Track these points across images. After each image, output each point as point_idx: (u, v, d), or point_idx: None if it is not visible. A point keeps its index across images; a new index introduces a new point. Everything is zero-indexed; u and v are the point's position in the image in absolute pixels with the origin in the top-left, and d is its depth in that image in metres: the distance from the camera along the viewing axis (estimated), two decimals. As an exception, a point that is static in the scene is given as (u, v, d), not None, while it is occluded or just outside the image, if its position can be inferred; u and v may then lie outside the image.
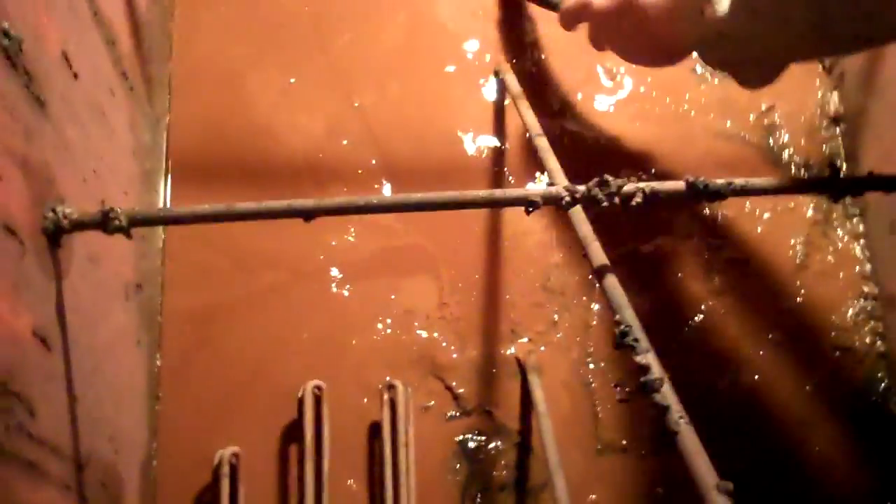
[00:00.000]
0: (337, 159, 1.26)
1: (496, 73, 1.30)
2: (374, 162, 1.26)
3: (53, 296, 0.80)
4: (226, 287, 1.19)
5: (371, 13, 1.33)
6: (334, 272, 1.21)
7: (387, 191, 1.25)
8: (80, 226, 0.80)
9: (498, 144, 1.28)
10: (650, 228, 1.25)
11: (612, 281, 0.82)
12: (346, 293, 1.20)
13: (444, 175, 1.26)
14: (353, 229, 1.22)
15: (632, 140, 1.29)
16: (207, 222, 0.82)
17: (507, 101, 1.29)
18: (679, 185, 0.84)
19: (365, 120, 1.28)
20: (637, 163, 1.28)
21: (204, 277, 1.19)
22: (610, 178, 0.83)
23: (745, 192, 0.84)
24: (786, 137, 1.30)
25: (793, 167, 1.29)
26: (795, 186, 0.85)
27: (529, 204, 0.82)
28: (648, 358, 0.72)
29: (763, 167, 1.30)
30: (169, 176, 1.22)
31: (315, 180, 1.24)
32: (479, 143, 1.28)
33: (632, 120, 1.31)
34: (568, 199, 0.83)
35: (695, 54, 0.99)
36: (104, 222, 0.79)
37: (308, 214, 0.82)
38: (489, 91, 1.30)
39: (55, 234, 0.79)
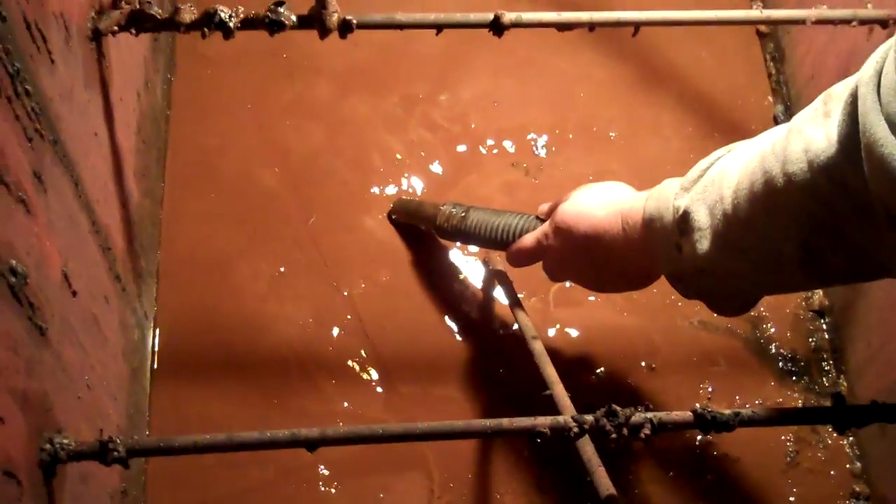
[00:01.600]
0: (326, 350, 1.25)
1: (485, 263, 1.30)
2: (363, 352, 1.25)
3: (46, 530, 0.77)
4: (210, 485, 1.16)
5: (357, 201, 1.34)
6: (322, 469, 1.18)
7: (375, 380, 1.24)
8: (77, 457, 0.78)
9: (488, 334, 1.27)
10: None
11: (621, 515, 0.80)
12: (333, 491, 1.17)
13: (434, 368, 1.25)
14: (341, 423, 1.20)
15: (619, 331, 1.30)
16: (208, 452, 0.80)
17: (495, 290, 1.29)
18: (687, 415, 0.83)
19: (354, 309, 1.27)
20: (625, 354, 1.28)
21: (188, 475, 1.16)
22: (618, 409, 0.82)
23: (751, 423, 0.84)
24: (772, 329, 1.31)
25: (779, 360, 1.30)
26: (800, 417, 0.85)
27: (537, 435, 0.81)
28: None
29: (749, 359, 1.30)
30: (155, 371, 1.20)
31: (304, 372, 1.23)
32: (469, 332, 1.28)
33: (619, 311, 1.31)
34: (576, 430, 0.82)
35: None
36: (102, 454, 0.77)
37: (311, 445, 0.80)
38: (478, 280, 1.30)
39: (51, 466, 0.77)
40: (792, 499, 1.22)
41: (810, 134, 0.70)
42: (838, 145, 0.67)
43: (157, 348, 1.22)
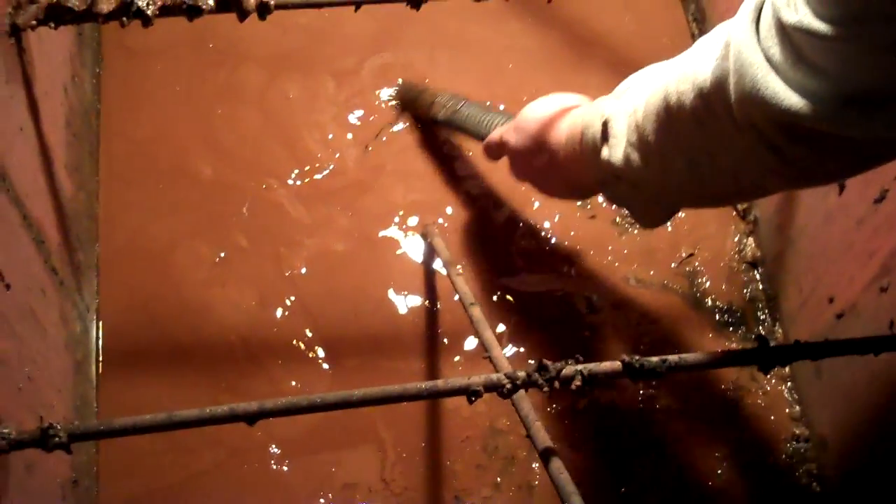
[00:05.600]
0: (271, 332, 1.26)
1: (423, 237, 1.32)
2: (308, 332, 1.26)
3: (-8, 521, 0.78)
4: (163, 471, 1.17)
5: (293, 183, 1.35)
6: (273, 448, 1.20)
7: (322, 357, 1.25)
8: (18, 445, 0.78)
9: (430, 306, 1.29)
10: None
11: (557, 465, 0.83)
12: (286, 469, 1.19)
13: (379, 342, 1.27)
14: (289, 402, 1.21)
15: (560, 293, 1.32)
16: (149, 432, 0.81)
17: (435, 263, 1.31)
18: (616, 365, 0.86)
19: (297, 289, 1.29)
20: (565, 315, 1.31)
21: (140, 462, 1.17)
22: (549, 363, 0.84)
23: (679, 368, 0.86)
24: (707, 283, 1.34)
25: (716, 312, 1.33)
26: (726, 360, 0.88)
27: (472, 394, 0.83)
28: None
29: (687, 313, 1.33)
30: (100, 362, 1.20)
31: (249, 355, 1.24)
32: (411, 305, 1.30)
33: (559, 274, 1.34)
34: (509, 386, 0.84)
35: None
36: (44, 440, 0.78)
37: (251, 419, 0.82)
38: (418, 254, 1.32)
39: (-7, 457, 0.78)
40: (735, 445, 1.25)
41: (699, 58, 0.75)
42: (715, 70, 0.72)
43: (101, 340, 1.22)
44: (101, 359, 1.21)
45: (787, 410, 1.27)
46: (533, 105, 1.09)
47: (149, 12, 0.96)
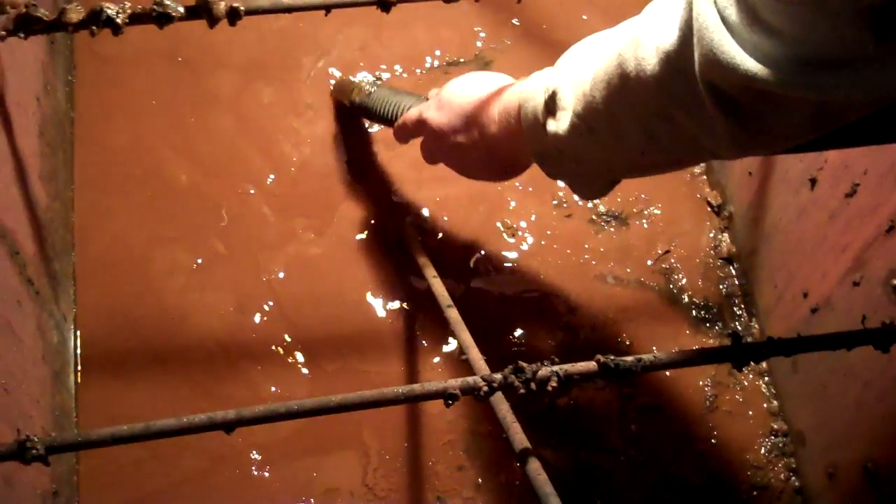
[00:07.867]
0: (249, 337, 1.26)
1: (400, 239, 1.32)
2: (287, 336, 1.26)
3: (-30, 535, 0.78)
4: (144, 480, 1.17)
5: (269, 188, 1.35)
6: (254, 454, 1.20)
7: (301, 362, 1.25)
8: (-5, 459, 0.78)
9: (408, 308, 1.30)
10: (563, 381, 1.27)
11: (535, 466, 0.83)
12: (267, 475, 1.19)
13: (358, 345, 1.27)
14: (269, 407, 1.21)
15: (537, 293, 1.33)
16: (126, 443, 0.81)
17: (412, 265, 1.31)
18: (591, 365, 0.86)
19: (274, 294, 1.29)
20: (543, 316, 1.31)
21: (121, 471, 1.17)
22: (525, 365, 0.85)
23: (653, 367, 0.87)
24: (683, 280, 1.35)
25: (693, 308, 1.34)
26: (700, 358, 0.88)
27: (448, 397, 0.84)
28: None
29: (664, 310, 1.34)
30: (79, 371, 1.20)
31: (228, 360, 1.24)
32: (389, 308, 1.30)
33: (535, 273, 1.34)
34: (486, 388, 0.84)
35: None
36: (21, 453, 0.78)
37: (229, 427, 0.82)
38: (395, 256, 1.32)
39: (-31, 471, 0.78)
40: (713, 441, 1.26)
41: (658, 23, 0.73)
42: (679, 33, 0.71)
43: (79, 349, 1.22)
44: (79, 368, 1.21)
45: (766, 405, 1.28)
46: (458, 82, 1.06)
47: (118, 20, 0.96)
